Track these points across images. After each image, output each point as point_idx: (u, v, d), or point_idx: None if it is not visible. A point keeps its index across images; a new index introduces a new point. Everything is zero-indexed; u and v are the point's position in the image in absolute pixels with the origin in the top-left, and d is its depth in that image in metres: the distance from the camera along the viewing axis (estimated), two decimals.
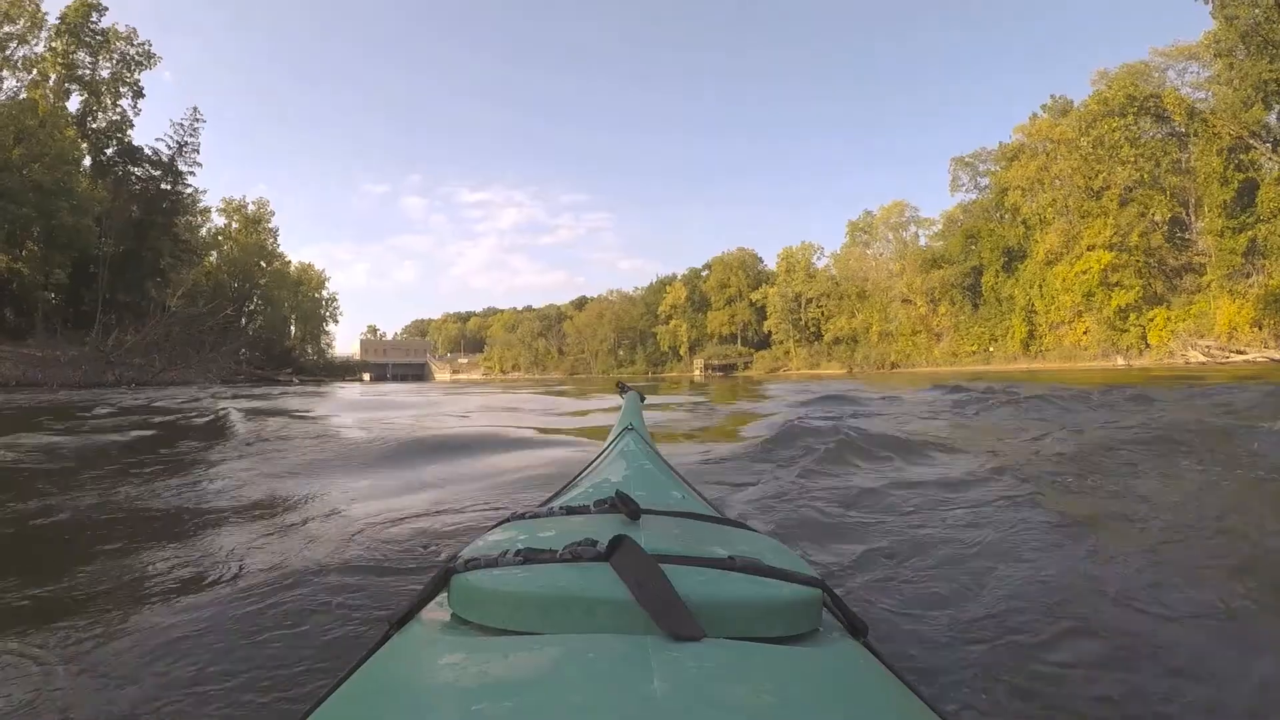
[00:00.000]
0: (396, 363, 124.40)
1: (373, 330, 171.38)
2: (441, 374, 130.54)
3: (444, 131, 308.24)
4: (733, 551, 1.10)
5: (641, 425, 3.03)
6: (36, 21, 54.86)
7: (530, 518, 1.47)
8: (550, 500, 1.92)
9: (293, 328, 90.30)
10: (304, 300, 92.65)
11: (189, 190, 63.75)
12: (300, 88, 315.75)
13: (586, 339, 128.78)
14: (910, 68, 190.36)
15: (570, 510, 1.46)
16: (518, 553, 1.05)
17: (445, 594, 1.05)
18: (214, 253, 75.79)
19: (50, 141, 49.70)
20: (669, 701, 0.66)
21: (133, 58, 60.77)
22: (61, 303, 53.83)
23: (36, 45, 55.38)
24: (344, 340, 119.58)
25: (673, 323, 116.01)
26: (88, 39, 58.26)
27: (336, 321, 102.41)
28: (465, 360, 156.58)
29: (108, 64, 59.83)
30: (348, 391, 28.95)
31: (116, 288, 54.78)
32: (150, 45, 61.45)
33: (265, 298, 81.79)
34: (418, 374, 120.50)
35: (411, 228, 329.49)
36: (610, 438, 2.91)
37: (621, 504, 1.31)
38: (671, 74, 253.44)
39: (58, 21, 56.32)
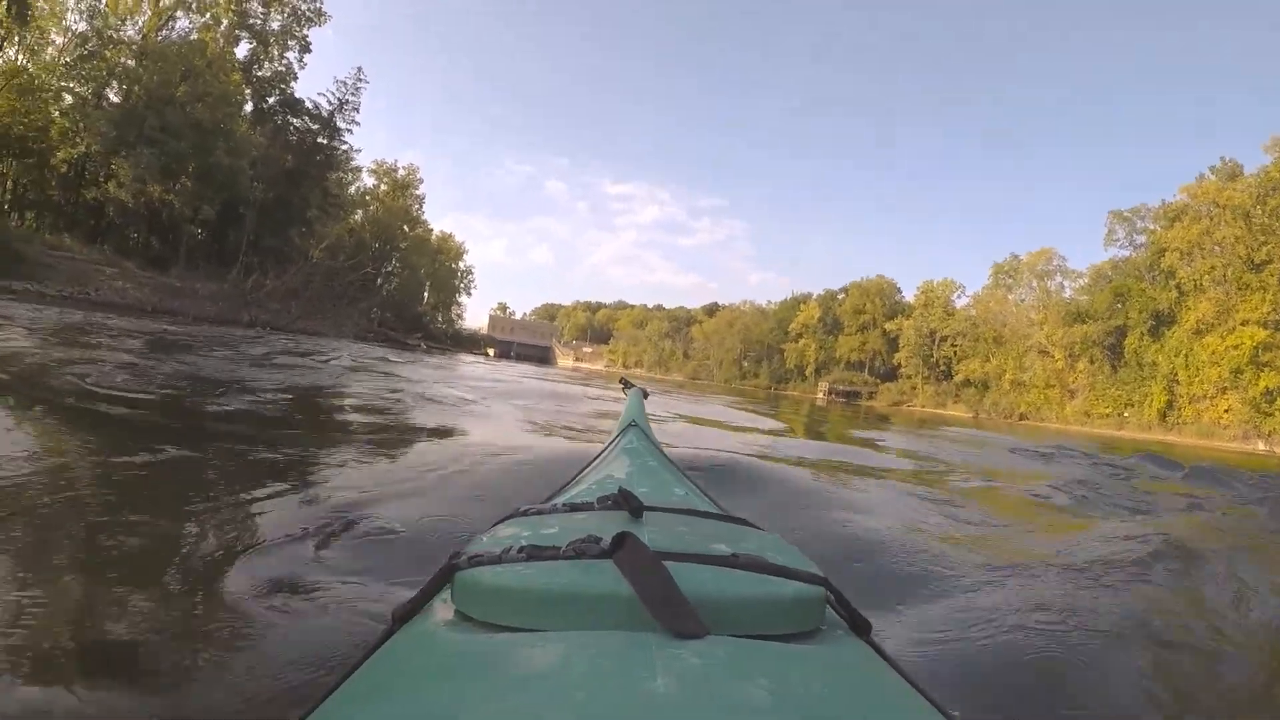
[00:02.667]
0: (522, 342, 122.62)
1: (502, 307, 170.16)
2: (565, 360, 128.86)
3: (595, 121, 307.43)
4: (736, 548, 1.07)
5: (645, 422, 2.94)
6: None
7: (534, 514, 1.44)
8: (553, 497, 1.91)
9: (426, 294, 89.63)
10: (440, 269, 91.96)
11: (344, 147, 63.04)
12: (457, 60, 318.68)
13: (713, 346, 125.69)
14: (1072, 114, 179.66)
15: (573, 507, 1.43)
16: (521, 549, 1.04)
17: (449, 590, 1.05)
18: (359, 211, 75.59)
19: (215, 83, 50.14)
20: (672, 698, 0.66)
21: (303, 13, 60.25)
22: (207, 239, 53.93)
23: None
24: (473, 313, 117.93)
25: (802, 341, 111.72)
26: None
27: (470, 294, 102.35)
28: (590, 349, 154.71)
29: (279, 16, 59.58)
30: (478, 369, 26.67)
31: (262, 232, 54.70)
32: (321, 3, 60.95)
33: (404, 261, 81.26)
34: (541, 356, 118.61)
35: (552, 210, 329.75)
36: (613, 434, 2.78)
37: (625, 501, 1.31)
38: (825, 100, 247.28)
39: None
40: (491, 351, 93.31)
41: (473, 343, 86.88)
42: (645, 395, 3.53)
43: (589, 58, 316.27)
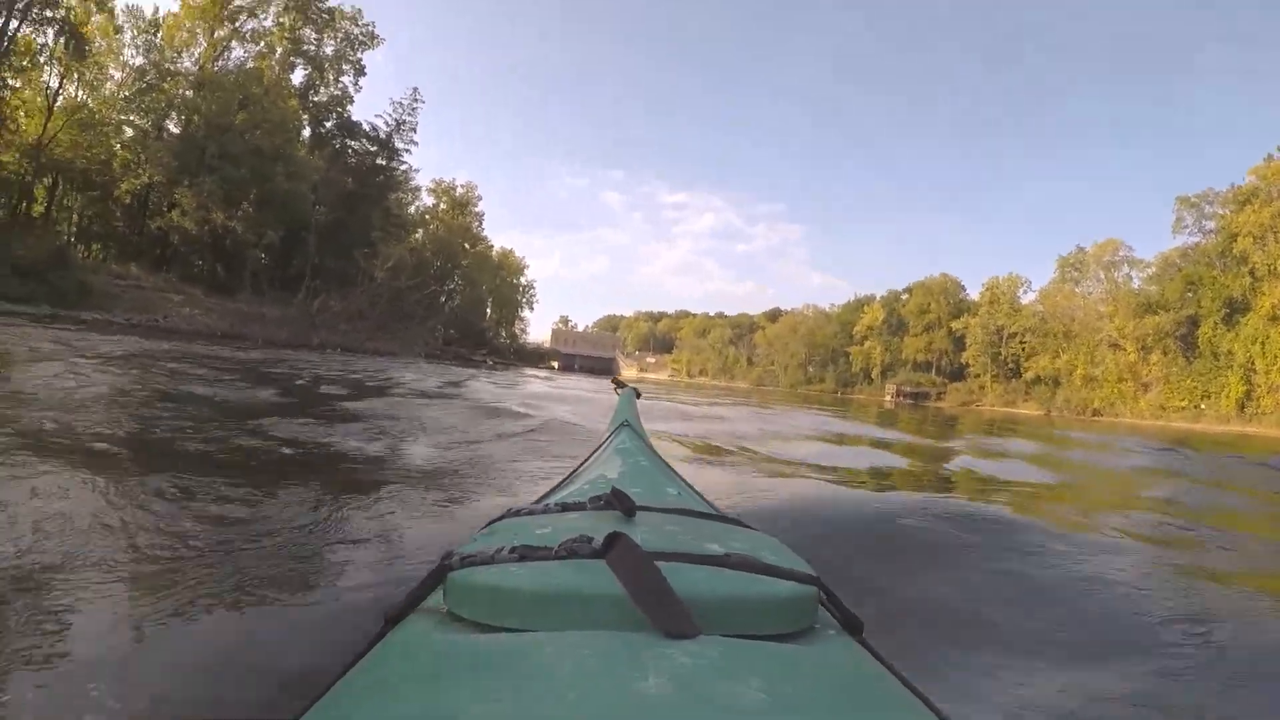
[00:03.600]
0: (585, 355, 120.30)
1: (564, 320, 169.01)
2: (628, 371, 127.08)
3: (650, 132, 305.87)
4: (729, 548, 1.07)
5: (637, 422, 2.86)
6: None
7: (526, 514, 1.43)
8: (545, 497, 1.91)
9: (489, 310, 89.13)
10: (502, 285, 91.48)
11: (403, 167, 63.43)
12: (510, 78, 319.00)
13: (777, 351, 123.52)
14: (1132, 98, 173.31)
15: (566, 507, 1.42)
16: (513, 549, 1.03)
17: (441, 590, 1.03)
18: (420, 230, 74.90)
19: (273, 109, 50.58)
20: (664, 699, 0.66)
21: (356, 37, 60.77)
22: (270, 264, 53.96)
23: (265, 20, 56.33)
24: (535, 327, 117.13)
25: (867, 344, 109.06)
26: (314, 16, 58.50)
27: (532, 308, 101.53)
28: (653, 360, 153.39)
29: (332, 41, 60.17)
30: (553, 385, 24.92)
31: (325, 254, 54.54)
32: (373, 26, 61.45)
33: (466, 278, 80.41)
34: (605, 369, 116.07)
35: (609, 222, 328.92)
36: (606, 434, 2.79)
37: (617, 501, 1.29)
38: (876, 96, 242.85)
39: None
40: (555, 365, 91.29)
41: (536, 357, 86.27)
42: (638, 395, 3.54)
43: (642, 70, 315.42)
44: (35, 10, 40.87)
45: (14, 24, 40.02)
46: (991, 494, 7.55)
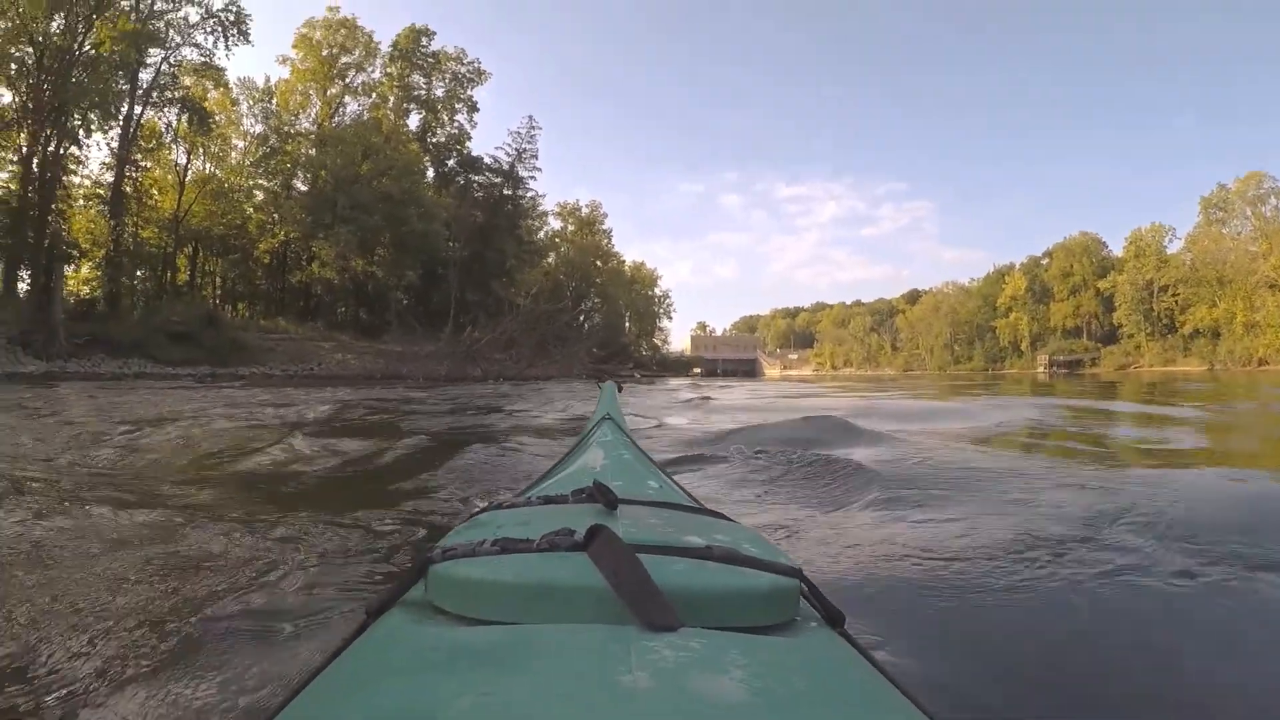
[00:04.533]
0: (726, 358, 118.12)
1: (702, 326, 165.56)
2: (772, 370, 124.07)
3: (758, 130, 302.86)
4: (710, 541, 1.06)
5: (619, 415, 2.88)
6: (370, 50, 57.07)
7: (508, 507, 1.43)
8: (527, 490, 1.92)
9: (628, 324, 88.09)
10: (637, 298, 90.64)
11: (529, 194, 63.37)
12: (614, 93, 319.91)
13: (920, 334, 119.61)
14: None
15: (548, 500, 1.43)
16: (495, 542, 1.02)
17: (423, 583, 1.02)
18: (551, 254, 74.97)
19: (396, 155, 51.53)
20: (644, 691, 0.65)
21: (464, 75, 61.64)
22: (411, 303, 54.38)
23: (373, 72, 57.90)
24: (673, 336, 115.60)
25: (1012, 315, 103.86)
26: (420, 62, 59.73)
27: (670, 318, 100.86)
28: (795, 356, 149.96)
29: (441, 83, 61.09)
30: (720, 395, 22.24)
31: (465, 288, 54.81)
32: (479, 62, 62.19)
33: (602, 295, 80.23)
34: (748, 370, 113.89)
35: (730, 224, 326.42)
36: (587, 427, 2.84)
37: (599, 494, 1.28)
38: (996, 53, 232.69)
39: (390, 48, 58.24)
40: (698, 371, 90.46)
41: (679, 366, 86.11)
42: (620, 389, 3.49)
43: (739, 74, 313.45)
44: (156, 94, 41.99)
45: (138, 109, 41.15)
46: None
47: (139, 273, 41.45)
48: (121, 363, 31.55)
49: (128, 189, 40.75)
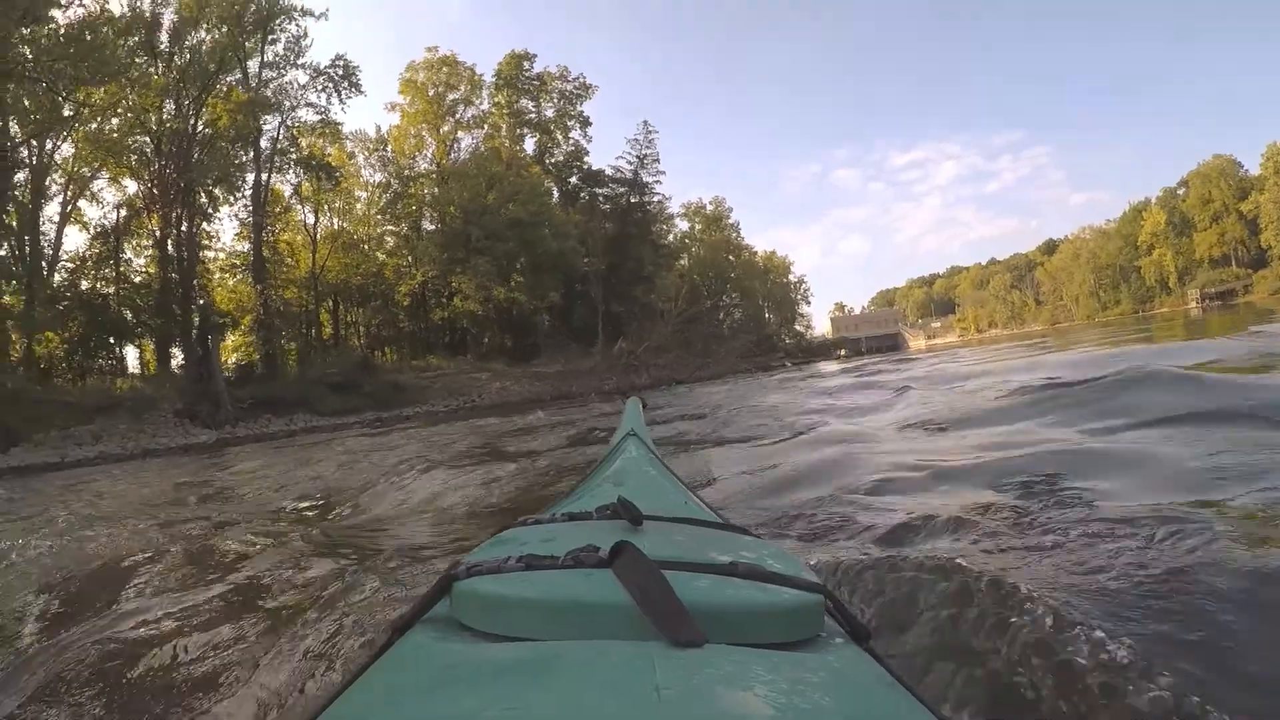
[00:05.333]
0: (869, 335, 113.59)
1: (840, 307, 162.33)
2: (916, 342, 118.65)
3: (862, 94, 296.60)
4: (735, 558, 1.06)
5: (644, 431, 2.83)
6: (475, 84, 56.83)
7: (533, 524, 1.42)
8: (553, 507, 1.85)
9: (768, 315, 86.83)
10: (774, 287, 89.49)
11: (656, 199, 62.08)
12: (712, 89, 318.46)
13: (1063, 284, 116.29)
14: None
15: (572, 517, 1.42)
16: (520, 559, 1.02)
17: (448, 600, 1.02)
18: (683, 255, 73.66)
19: (520, 180, 51.12)
20: (671, 708, 0.65)
21: (570, 93, 61.10)
22: (556, 322, 54.32)
23: (482, 104, 57.88)
24: (814, 321, 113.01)
25: (1155, 252, 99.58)
26: (525, 86, 59.34)
27: (808, 303, 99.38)
28: (938, 324, 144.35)
29: (550, 104, 60.70)
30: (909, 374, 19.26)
31: (608, 300, 54.10)
32: (584, 78, 61.40)
33: (739, 289, 78.83)
34: (891, 345, 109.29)
35: (849, 200, 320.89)
36: (612, 444, 2.72)
37: (624, 510, 1.30)
38: None
39: (494, 78, 58.12)
40: (843, 352, 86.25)
41: (823, 350, 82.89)
42: (644, 405, 3.31)
43: (835, 41, 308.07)
44: (279, 159, 42.39)
45: (264, 175, 41.51)
46: None
47: (283, 332, 41.78)
48: (287, 419, 31.86)
49: (266, 253, 41.07)
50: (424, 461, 8.44)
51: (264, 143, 41.17)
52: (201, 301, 37.23)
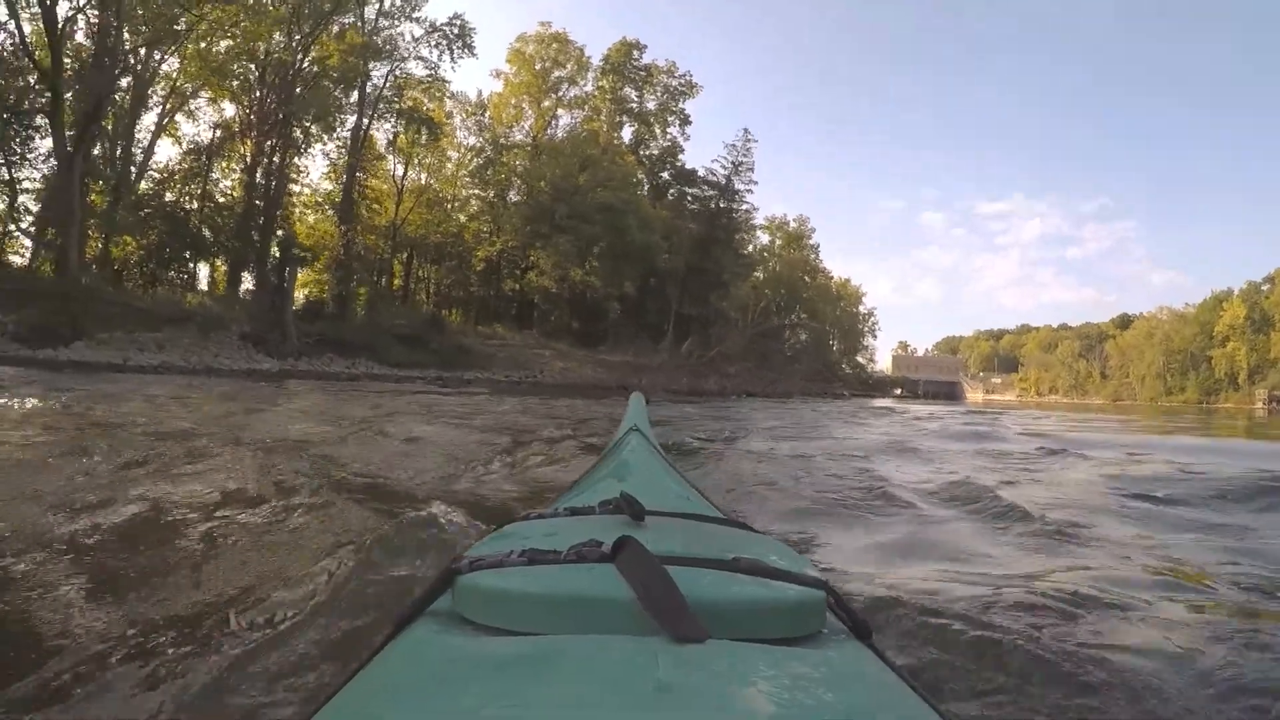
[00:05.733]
0: (928, 379, 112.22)
1: (903, 346, 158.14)
2: (974, 394, 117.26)
3: (957, 144, 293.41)
4: (737, 553, 1.06)
5: (647, 427, 2.88)
6: (582, 65, 56.93)
7: (535, 518, 1.43)
8: (555, 502, 1.87)
9: (833, 341, 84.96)
10: (843, 315, 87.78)
11: (744, 207, 60.96)
12: (814, 107, 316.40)
13: (1132, 361, 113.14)
14: None
15: (575, 511, 1.42)
16: (522, 553, 1.02)
17: (450, 594, 1.01)
18: (760, 269, 72.65)
19: (614, 167, 51.57)
20: (673, 703, 0.65)
21: (675, 89, 60.68)
22: (626, 313, 53.76)
23: (586, 85, 58.00)
24: (877, 355, 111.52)
25: (1229, 345, 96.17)
26: (631, 75, 59.16)
27: (875, 337, 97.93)
28: (999, 380, 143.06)
29: (653, 96, 60.51)
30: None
31: (683, 301, 53.49)
32: (690, 75, 61.00)
33: (809, 311, 76.77)
34: (949, 393, 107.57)
35: (931, 241, 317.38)
36: (615, 439, 2.75)
37: (626, 505, 1.28)
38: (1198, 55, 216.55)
39: (602, 62, 57.87)
40: (899, 391, 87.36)
41: (881, 385, 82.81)
42: (647, 401, 3.43)
43: (937, 84, 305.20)
44: (383, 106, 42.30)
45: (365, 120, 41.44)
46: None
47: (354, 277, 41.51)
48: (350, 362, 32.10)
49: (355, 196, 40.87)
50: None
51: (368, 89, 40.96)
52: (282, 232, 37.13)
